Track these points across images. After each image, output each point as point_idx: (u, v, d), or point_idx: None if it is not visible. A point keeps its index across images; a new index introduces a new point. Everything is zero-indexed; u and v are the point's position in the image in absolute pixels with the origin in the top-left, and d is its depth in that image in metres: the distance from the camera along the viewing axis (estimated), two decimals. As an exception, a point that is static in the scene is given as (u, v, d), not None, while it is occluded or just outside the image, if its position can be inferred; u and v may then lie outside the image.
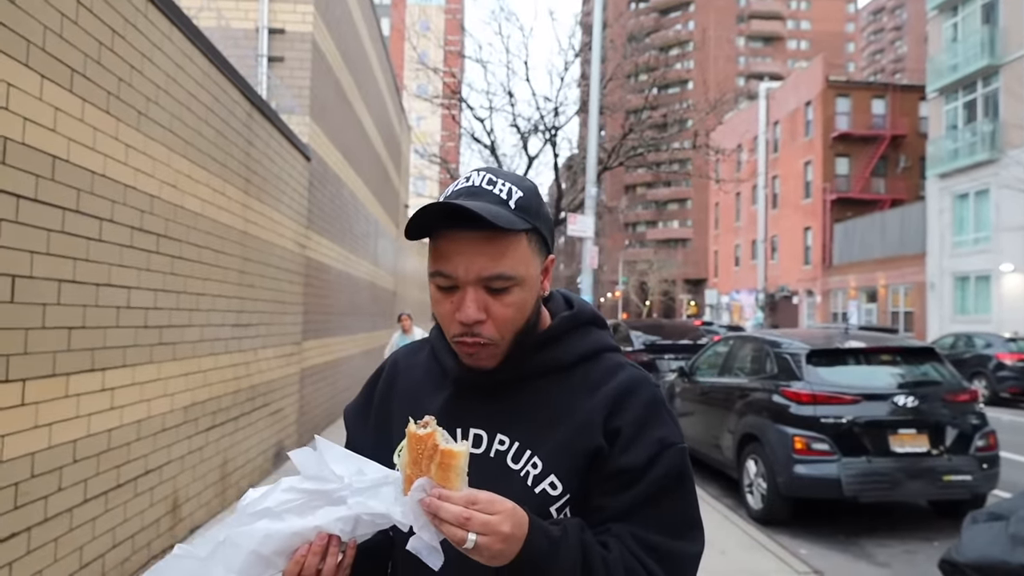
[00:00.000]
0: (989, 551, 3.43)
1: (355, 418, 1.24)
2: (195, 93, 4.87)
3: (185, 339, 4.79)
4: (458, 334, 1.01)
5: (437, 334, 1.18)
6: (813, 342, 6.25)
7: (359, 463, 0.94)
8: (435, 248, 1.01)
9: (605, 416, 1.03)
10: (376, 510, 0.88)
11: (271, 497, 0.90)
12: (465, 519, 0.83)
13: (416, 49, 16.18)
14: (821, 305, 32.53)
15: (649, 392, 1.07)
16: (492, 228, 0.95)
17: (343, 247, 10.07)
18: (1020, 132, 21.01)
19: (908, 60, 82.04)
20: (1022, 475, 7.41)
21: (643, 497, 1.00)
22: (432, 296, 1.04)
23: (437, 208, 0.97)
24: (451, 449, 0.85)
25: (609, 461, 1.01)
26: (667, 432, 1.04)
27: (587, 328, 1.14)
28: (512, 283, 0.99)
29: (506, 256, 0.99)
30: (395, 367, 1.23)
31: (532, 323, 1.06)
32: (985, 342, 15.90)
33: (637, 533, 0.99)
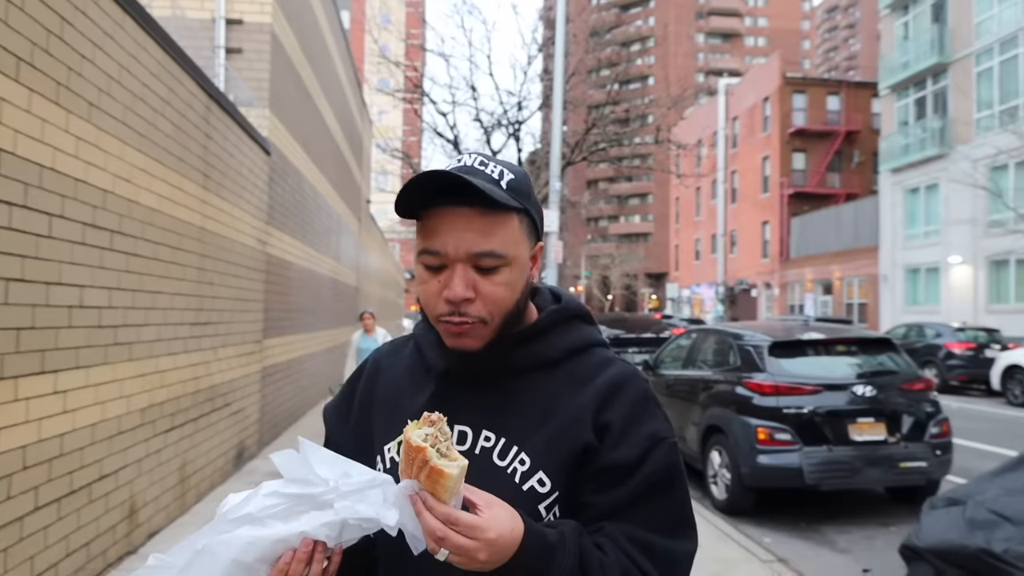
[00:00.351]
0: (948, 535, 3.53)
1: (335, 416, 1.21)
2: (149, 84, 4.72)
3: (142, 339, 4.65)
4: (444, 313, 0.98)
5: (422, 329, 1.15)
6: (775, 334, 6.35)
7: (345, 465, 0.90)
8: (424, 225, 0.99)
9: (594, 411, 1.00)
10: (364, 514, 0.85)
11: (253, 502, 0.86)
12: (439, 538, 0.82)
13: (377, 42, 15.96)
14: (779, 298, 33.20)
15: (639, 387, 1.04)
16: (484, 204, 0.94)
17: (305, 243, 9.89)
18: (968, 128, 21.70)
19: (861, 57, 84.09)
20: (972, 460, 7.66)
21: (635, 494, 0.97)
22: (418, 277, 1.01)
23: (429, 177, 0.94)
24: (441, 468, 0.82)
25: (598, 457, 0.98)
26: (658, 427, 1.01)
27: (574, 322, 1.11)
28: (502, 262, 0.97)
29: (496, 234, 0.97)
30: (377, 364, 1.20)
31: (520, 308, 1.03)
32: (935, 332, 16.41)
33: (630, 532, 0.96)
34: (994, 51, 21.06)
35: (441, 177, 0.93)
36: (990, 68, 21.23)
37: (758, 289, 35.34)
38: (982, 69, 21.54)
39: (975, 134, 21.42)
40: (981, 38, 21.56)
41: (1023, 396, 12.87)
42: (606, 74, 19.54)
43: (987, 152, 20.40)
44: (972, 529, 3.46)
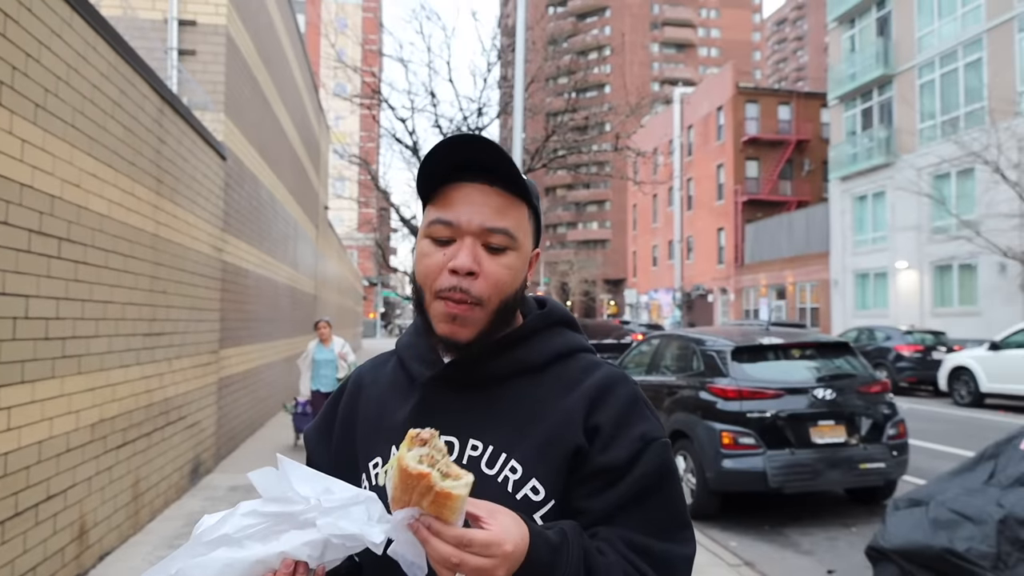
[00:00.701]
0: (912, 536, 3.59)
1: (316, 440, 1.17)
2: (99, 85, 4.53)
3: (91, 351, 4.45)
4: (445, 287, 0.96)
5: (404, 342, 1.13)
6: (737, 339, 6.43)
7: (326, 482, 0.86)
8: (441, 196, 0.99)
9: (584, 414, 0.98)
10: (347, 531, 0.81)
11: (229, 523, 0.81)
12: (455, 564, 0.77)
13: (335, 46, 15.76)
14: (734, 303, 33.82)
15: (628, 389, 1.02)
16: (505, 184, 0.98)
17: (262, 250, 9.66)
18: (912, 138, 22.48)
19: (809, 69, 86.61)
20: (925, 460, 7.87)
21: (628, 497, 0.95)
22: (422, 251, 1.00)
23: (464, 140, 0.95)
24: (448, 491, 0.76)
25: (589, 460, 0.96)
26: (648, 427, 0.99)
27: (559, 328, 1.09)
28: (511, 243, 0.98)
29: (511, 215, 0.99)
30: (359, 382, 1.17)
31: (515, 302, 1.02)
32: (885, 335, 16.90)
33: (626, 536, 0.93)
34: (935, 64, 21.88)
35: (477, 143, 0.95)
36: (932, 80, 22.04)
37: (714, 294, 35.95)
38: (924, 81, 22.36)
39: (919, 144, 22.20)
40: (923, 51, 22.38)
41: (968, 396, 13.32)
42: (564, 82, 19.67)
43: (931, 161, 21.16)
44: (936, 529, 3.53)
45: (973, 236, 17.34)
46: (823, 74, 48.36)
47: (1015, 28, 18.99)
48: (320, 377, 8.17)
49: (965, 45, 20.67)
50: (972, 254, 18.86)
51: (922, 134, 22.24)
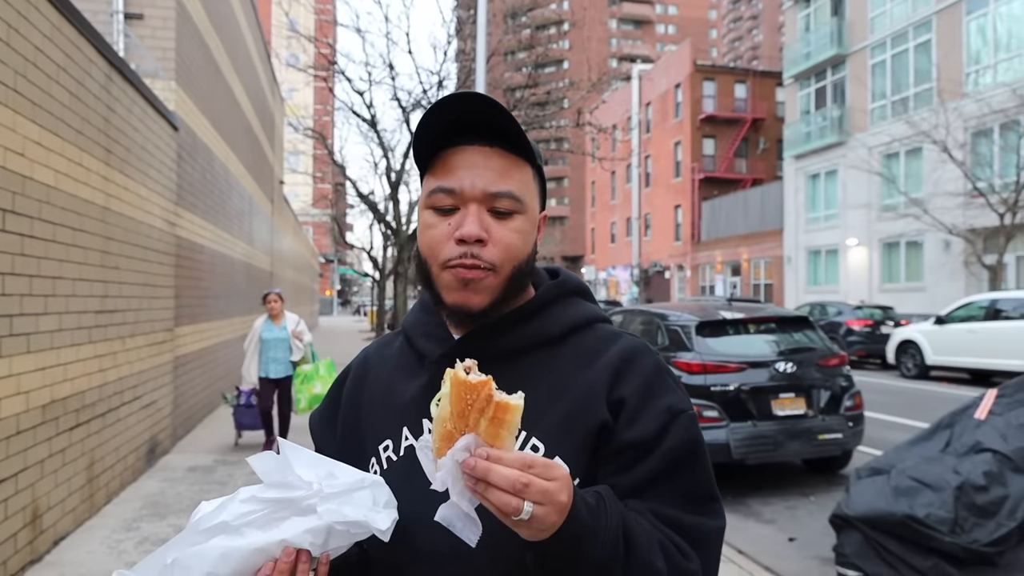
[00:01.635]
0: (875, 504, 3.69)
1: (321, 426, 1.11)
2: (42, 47, 4.28)
3: (41, 329, 4.25)
4: (454, 257, 0.91)
5: (411, 320, 1.07)
6: (700, 314, 6.49)
7: (329, 466, 0.82)
8: (440, 163, 0.94)
9: (607, 388, 0.93)
10: (351, 517, 0.77)
11: (228, 510, 0.78)
12: (524, 485, 0.70)
13: (288, 15, 15.27)
14: (691, 279, 34.36)
15: (651, 359, 0.98)
16: (507, 144, 0.93)
17: (216, 225, 9.37)
18: (864, 117, 22.99)
19: (764, 48, 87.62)
20: (877, 431, 8.13)
21: (656, 471, 0.91)
22: (425, 223, 0.95)
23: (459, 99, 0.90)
24: (506, 401, 0.72)
25: (615, 436, 0.92)
26: (675, 399, 0.95)
27: (574, 298, 1.05)
28: (518, 207, 0.93)
29: (515, 177, 0.94)
30: (364, 363, 1.11)
31: (528, 268, 0.97)
32: (836, 310, 17.39)
33: (655, 509, 0.90)
34: (887, 45, 22.34)
35: (473, 99, 0.89)
36: (883, 61, 22.52)
37: (671, 271, 36.45)
38: (876, 61, 22.83)
39: (870, 123, 22.72)
40: (875, 32, 22.82)
41: (915, 369, 13.82)
42: (523, 56, 19.47)
43: (881, 140, 21.69)
44: (897, 496, 3.63)
45: (920, 214, 17.90)
46: (777, 53, 49.04)
47: (963, 11, 19.48)
48: (269, 361, 6.86)
49: (915, 27, 21.14)
50: (919, 232, 19.48)
51: (873, 113, 22.77)
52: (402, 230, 16.51)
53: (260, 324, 6.99)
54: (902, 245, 21.31)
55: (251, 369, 6.92)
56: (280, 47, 22.94)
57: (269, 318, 7.00)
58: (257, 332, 6.93)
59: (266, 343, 6.89)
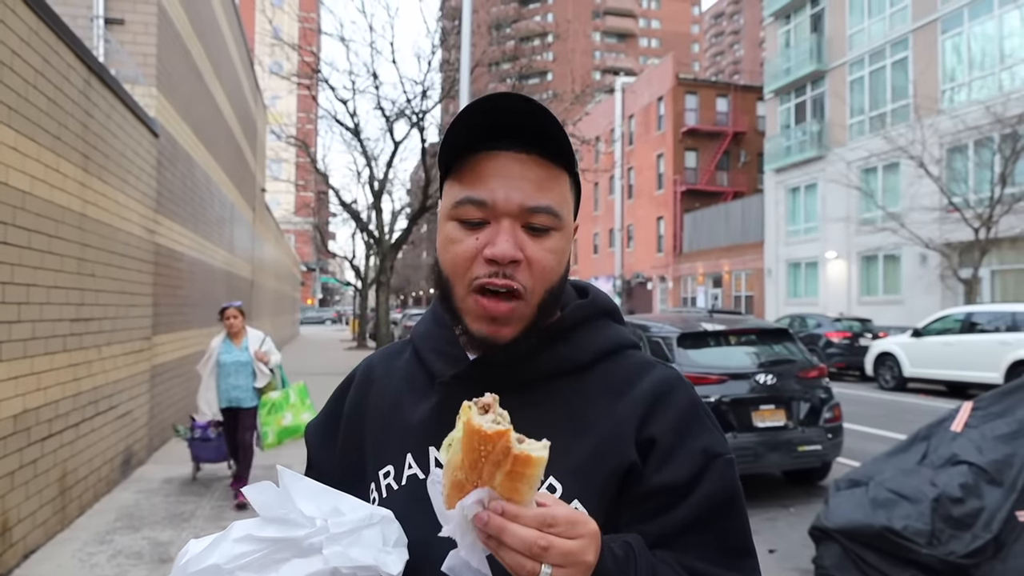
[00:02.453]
0: (854, 515, 3.71)
1: (318, 437, 1.03)
2: (19, 51, 4.22)
3: (13, 337, 4.17)
4: (484, 275, 0.81)
5: (421, 331, 0.98)
6: (682, 325, 6.52)
7: (335, 499, 0.75)
8: (468, 169, 0.84)
9: (637, 425, 0.85)
10: (360, 561, 0.70)
11: (219, 550, 0.70)
12: (542, 549, 0.64)
13: (271, 22, 15.22)
14: (673, 290, 34.55)
15: (687, 395, 0.89)
16: (546, 151, 0.83)
17: (197, 233, 9.27)
18: (843, 132, 23.32)
19: (745, 62, 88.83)
20: (855, 442, 8.20)
21: (688, 520, 0.82)
22: (448, 237, 0.85)
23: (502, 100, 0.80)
24: (528, 454, 0.64)
25: (644, 479, 0.83)
26: (711, 440, 0.86)
27: (604, 320, 0.95)
28: (556, 224, 0.84)
29: (554, 190, 0.84)
30: (368, 374, 1.01)
31: (560, 291, 0.88)
32: (816, 322, 17.55)
33: (684, 561, 0.81)
34: (865, 61, 22.72)
35: (516, 102, 0.80)
36: (862, 77, 22.89)
37: (653, 282, 36.64)
38: (855, 78, 23.19)
39: (849, 138, 23.05)
40: (854, 49, 23.20)
41: (893, 381, 13.97)
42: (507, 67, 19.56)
43: (860, 155, 22.01)
44: (875, 508, 3.66)
45: (898, 228, 18.14)
46: (758, 68, 49.70)
47: (939, 29, 19.87)
48: (229, 388, 5.76)
49: (892, 44, 21.52)
50: (896, 245, 19.75)
51: (852, 129, 23.10)
52: (385, 239, 16.44)
53: (217, 344, 5.86)
54: (880, 258, 21.60)
55: (211, 398, 5.82)
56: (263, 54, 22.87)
57: (228, 337, 5.87)
58: (214, 352, 5.82)
59: (224, 367, 5.77)
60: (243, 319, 5.95)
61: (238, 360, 5.79)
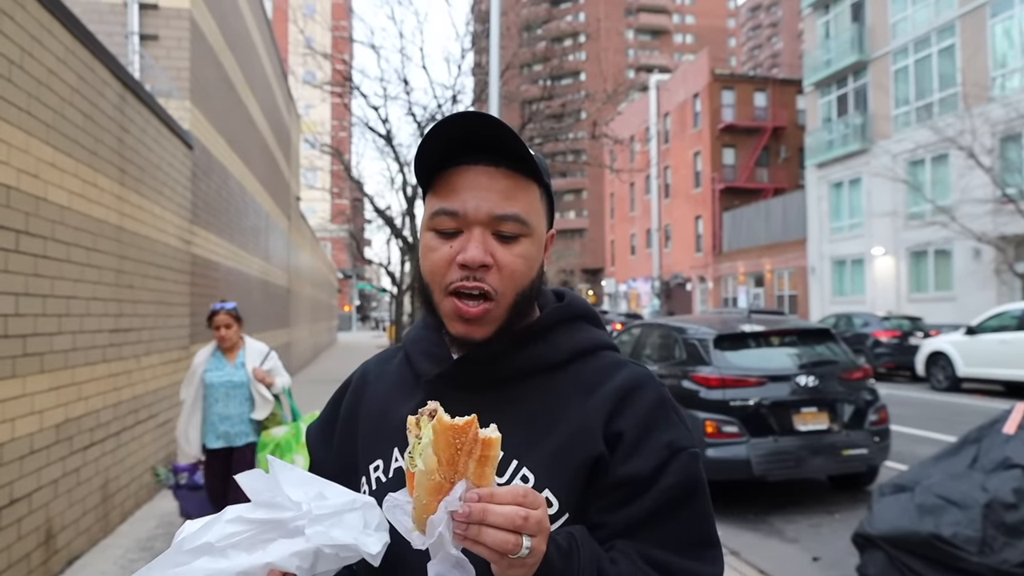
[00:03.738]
0: (899, 522, 3.55)
1: (318, 440, 1.10)
2: (56, 70, 4.33)
3: (55, 348, 4.27)
4: (455, 280, 0.88)
5: (411, 335, 1.05)
6: (719, 327, 6.37)
7: (320, 486, 0.80)
8: (442, 183, 0.91)
9: (605, 419, 0.89)
10: (340, 541, 0.75)
11: (213, 530, 0.76)
12: (523, 519, 0.68)
13: (303, 32, 15.46)
14: (713, 291, 34.03)
15: (655, 391, 0.93)
16: (511, 164, 0.89)
17: (232, 243, 9.44)
18: (887, 124, 22.66)
19: (784, 55, 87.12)
20: (905, 445, 7.91)
21: (650, 511, 0.86)
22: (427, 246, 0.92)
23: (463, 118, 0.86)
24: (490, 436, 0.70)
25: (610, 471, 0.87)
26: (676, 435, 0.90)
27: (579, 323, 1.01)
28: (524, 230, 0.90)
29: (520, 199, 0.90)
30: (364, 378, 1.09)
31: (532, 294, 0.94)
32: (863, 321, 17.04)
33: (644, 551, 0.85)
34: (909, 50, 22.04)
35: (476, 120, 0.86)
36: (906, 67, 22.21)
37: (693, 283, 36.14)
38: (899, 67, 22.52)
39: (894, 130, 22.39)
40: (897, 37, 22.53)
41: (946, 381, 13.47)
42: (539, 69, 19.52)
43: (906, 147, 21.35)
44: (922, 515, 3.50)
45: (948, 222, 17.53)
46: (797, 60, 48.70)
47: (988, 13, 19.16)
48: (217, 420, 4.31)
49: (938, 31, 20.83)
50: (947, 240, 19.09)
51: (897, 120, 22.44)
52: (419, 245, 16.53)
53: (203, 360, 4.40)
54: (930, 254, 20.90)
55: (189, 433, 4.35)
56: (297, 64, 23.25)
57: (218, 351, 4.44)
58: (198, 369, 4.36)
59: (213, 391, 4.31)
60: (239, 327, 4.48)
61: (230, 381, 4.33)
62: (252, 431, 4.39)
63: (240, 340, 4.53)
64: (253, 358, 4.45)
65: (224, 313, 4.43)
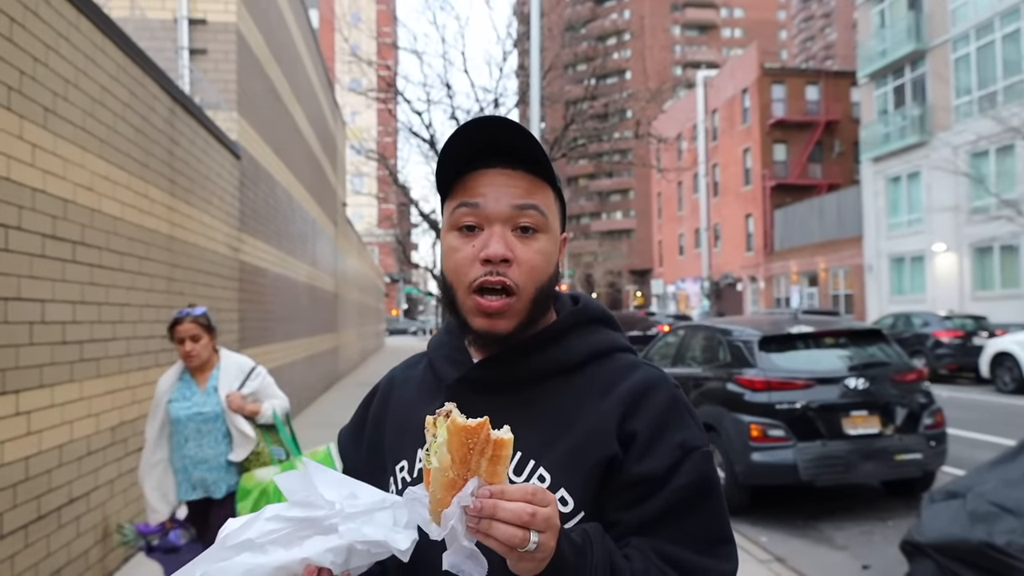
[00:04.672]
0: (949, 529, 3.42)
1: (349, 443, 1.16)
2: (109, 87, 4.51)
3: (110, 354, 4.45)
4: (480, 275, 0.92)
5: (435, 342, 1.10)
6: (764, 328, 6.24)
7: (352, 486, 0.85)
8: (462, 185, 0.95)
9: (619, 420, 0.93)
10: (371, 537, 0.79)
11: (253, 527, 0.81)
12: (530, 516, 0.72)
13: (348, 41, 15.75)
14: (765, 291, 33.29)
15: (668, 392, 0.96)
16: (528, 165, 0.94)
17: (279, 249, 9.68)
18: (947, 115, 21.81)
19: (838, 46, 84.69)
20: (966, 450, 7.60)
21: (664, 509, 0.89)
22: (449, 246, 0.96)
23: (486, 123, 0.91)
24: (502, 437, 0.74)
25: (624, 470, 0.91)
26: (689, 435, 0.93)
27: (595, 326, 1.04)
28: (542, 223, 0.94)
29: (538, 194, 0.95)
30: (391, 383, 1.15)
31: (551, 290, 0.98)
32: (923, 321, 16.40)
33: (659, 547, 0.88)
34: (970, 37, 21.17)
35: (497, 124, 0.90)
36: (967, 54, 21.34)
37: (743, 283, 35.42)
38: (959, 55, 21.65)
39: (954, 121, 21.53)
40: (957, 24, 21.66)
41: (1012, 383, 12.87)
42: (583, 69, 19.44)
43: (967, 139, 20.50)
44: (973, 522, 3.36)
45: (1015, 216, 16.75)
46: (852, 52, 47.19)
47: (1054, -3, 18.29)
48: (188, 464, 3.33)
49: (1002, 16, 19.94)
50: (1014, 235, 18.23)
51: (958, 111, 21.56)
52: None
53: (167, 386, 3.42)
54: (995, 249, 20.01)
55: (164, 485, 3.36)
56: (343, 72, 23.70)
57: (186, 372, 3.46)
58: (161, 403, 3.37)
59: (180, 426, 3.32)
60: (211, 339, 3.42)
61: (200, 413, 3.32)
62: (229, 475, 3.35)
63: (214, 356, 3.46)
64: (229, 379, 3.38)
65: (189, 321, 3.33)
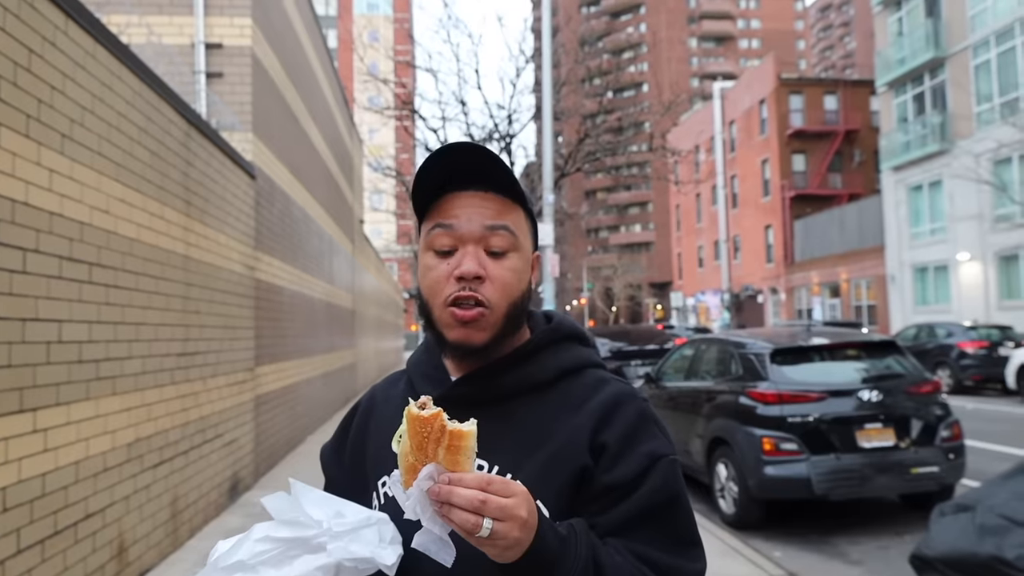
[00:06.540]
0: (958, 543, 3.37)
1: (331, 458, 1.20)
2: (125, 113, 4.64)
3: (125, 372, 4.55)
4: (453, 292, 0.96)
5: (413, 359, 1.14)
6: (776, 341, 6.21)
7: (338, 505, 0.88)
8: (437, 208, 1.00)
9: (591, 432, 0.97)
10: (359, 555, 0.82)
11: (243, 548, 0.83)
12: (481, 503, 0.75)
13: (364, 60, 15.98)
14: (786, 302, 32.95)
15: (636, 406, 1.01)
16: (499, 188, 0.99)
17: (295, 267, 9.80)
18: (968, 122, 21.55)
19: (857, 55, 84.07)
20: (990, 463, 7.47)
21: (634, 513, 0.94)
22: (425, 265, 1.00)
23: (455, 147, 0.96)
24: (459, 429, 0.78)
25: (596, 479, 0.95)
26: (656, 445, 0.98)
27: (567, 343, 1.08)
28: (512, 243, 0.99)
29: (509, 215, 1.00)
30: (372, 400, 1.18)
31: (523, 308, 1.02)
32: (947, 331, 16.12)
33: (632, 547, 0.92)
34: (990, 43, 20.95)
35: (468, 149, 0.95)
36: (987, 61, 21.11)
37: (764, 295, 35.10)
38: (979, 62, 21.43)
39: (976, 128, 21.27)
40: (976, 31, 21.46)
41: (1039, 393, 12.62)
42: (598, 82, 19.50)
43: (989, 146, 20.23)
44: (983, 536, 3.30)
45: (1038, 223, 16.49)
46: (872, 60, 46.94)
47: (1074, 2, 18.05)
48: None
49: (1022, 21, 19.73)
50: (1038, 242, 17.93)
51: (979, 118, 21.31)
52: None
53: None
54: (1021, 258, 19.67)
55: None
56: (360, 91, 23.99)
57: None
58: None
59: None
60: None
61: None
62: None
63: None
64: None
65: None
